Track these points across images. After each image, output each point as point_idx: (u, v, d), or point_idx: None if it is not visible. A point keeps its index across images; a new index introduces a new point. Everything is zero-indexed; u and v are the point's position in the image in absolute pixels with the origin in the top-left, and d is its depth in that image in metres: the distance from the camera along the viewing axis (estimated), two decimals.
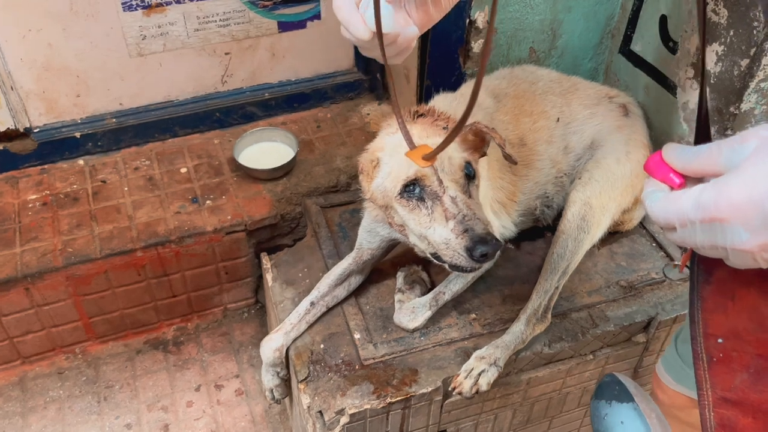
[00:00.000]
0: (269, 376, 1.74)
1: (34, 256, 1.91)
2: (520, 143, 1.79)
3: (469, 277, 1.75)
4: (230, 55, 2.21)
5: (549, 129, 1.84)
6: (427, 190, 1.31)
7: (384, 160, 1.40)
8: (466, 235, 1.24)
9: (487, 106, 1.80)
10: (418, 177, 1.31)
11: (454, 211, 1.27)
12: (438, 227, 1.30)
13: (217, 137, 2.30)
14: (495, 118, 1.77)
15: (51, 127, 2.13)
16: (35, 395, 2.03)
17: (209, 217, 2.03)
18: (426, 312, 1.70)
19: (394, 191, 1.35)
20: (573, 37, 2.14)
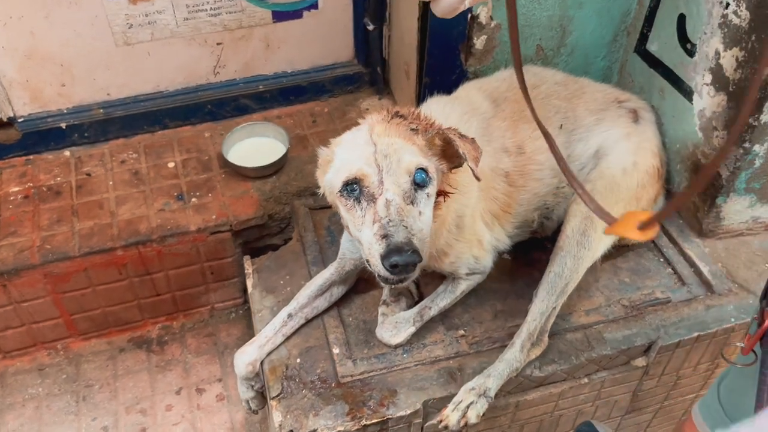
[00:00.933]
0: (243, 388, 1.67)
1: (11, 252, 1.85)
2: (518, 151, 1.67)
3: (458, 292, 1.65)
4: (222, 46, 2.11)
5: None
6: (365, 191, 1.22)
7: (337, 155, 1.30)
8: (383, 241, 1.14)
9: (484, 110, 1.68)
10: (358, 176, 1.22)
11: (382, 214, 1.17)
12: (366, 230, 1.20)
13: (208, 130, 2.22)
14: (492, 124, 1.65)
15: (36, 117, 2.07)
16: (14, 392, 1.99)
17: (194, 216, 1.95)
18: (409, 328, 1.61)
19: (336, 188, 1.27)
20: (584, 34, 2.00)
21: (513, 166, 1.65)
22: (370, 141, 1.24)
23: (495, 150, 1.63)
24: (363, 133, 1.27)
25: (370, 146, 1.23)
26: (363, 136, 1.26)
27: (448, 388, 1.56)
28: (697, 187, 0.89)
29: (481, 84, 1.76)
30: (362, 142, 1.25)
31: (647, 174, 1.71)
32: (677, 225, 1.91)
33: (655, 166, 1.74)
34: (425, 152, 1.27)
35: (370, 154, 1.22)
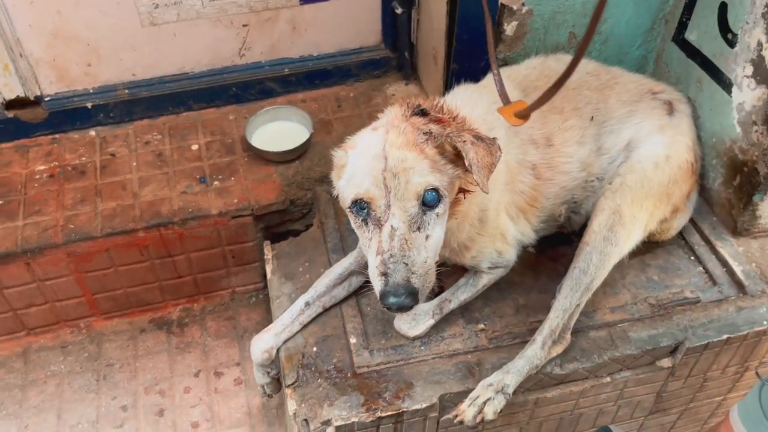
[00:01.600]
0: (259, 374, 1.66)
1: (35, 231, 1.86)
2: (547, 143, 1.61)
3: (479, 286, 1.61)
4: (248, 27, 2.08)
5: (581, 128, 1.65)
6: (372, 214, 1.19)
7: (351, 161, 1.26)
8: (382, 279, 1.13)
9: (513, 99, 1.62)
10: (365, 198, 1.19)
11: (385, 246, 1.15)
12: (370, 256, 1.19)
13: (232, 113, 2.20)
14: None
15: (62, 96, 2.07)
16: (37, 368, 2.02)
17: (215, 200, 1.94)
18: (428, 320, 1.58)
19: (346, 203, 1.24)
20: (620, 22, 1.93)
21: (541, 158, 1.60)
22: (381, 154, 1.18)
23: (522, 141, 1.58)
24: (377, 140, 1.21)
25: (381, 161, 1.18)
26: (376, 146, 1.21)
27: (466, 382, 1.53)
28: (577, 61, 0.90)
29: (510, 72, 1.71)
30: (373, 153, 1.20)
31: (680, 169, 1.65)
32: (710, 222, 1.84)
33: (689, 160, 1.67)
34: (437, 163, 1.21)
35: (379, 173, 1.17)
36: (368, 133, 1.29)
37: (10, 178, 1.99)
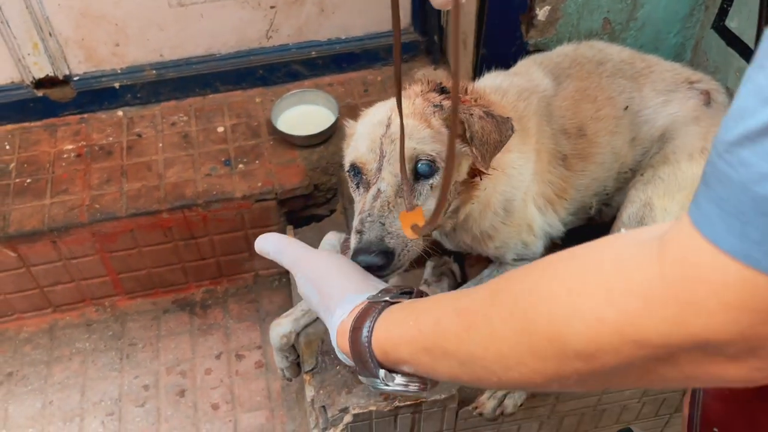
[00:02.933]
0: (279, 358, 1.65)
1: (62, 210, 1.88)
2: (579, 133, 1.57)
3: None
4: (276, 9, 2.06)
5: (615, 118, 1.60)
6: (364, 179, 1.15)
7: (358, 129, 1.23)
8: (357, 237, 1.08)
9: (545, 88, 1.57)
10: (359, 163, 1.15)
11: (366, 206, 1.10)
12: (355, 219, 1.13)
13: (259, 95, 2.19)
14: (552, 103, 1.55)
15: (90, 76, 2.08)
16: (62, 345, 2.05)
17: (239, 182, 1.94)
18: None
19: (346, 167, 1.22)
20: (657, 8, 1.86)
21: (572, 149, 1.55)
22: (385, 122, 1.15)
23: (554, 132, 1.53)
24: (385, 109, 1.19)
25: (382, 128, 1.14)
26: (383, 114, 1.18)
27: None
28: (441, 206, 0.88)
29: (542, 59, 1.66)
30: (377, 120, 1.17)
31: None
32: None
33: None
34: (441, 135, 1.16)
35: (377, 138, 1.14)
36: (379, 106, 1.27)
37: (39, 156, 2.01)
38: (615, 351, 0.52)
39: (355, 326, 0.82)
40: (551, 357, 0.58)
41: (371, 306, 0.83)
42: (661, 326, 0.49)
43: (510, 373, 0.63)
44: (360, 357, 0.80)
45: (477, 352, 0.65)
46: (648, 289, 0.49)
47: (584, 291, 0.53)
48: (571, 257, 0.58)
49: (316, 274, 0.97)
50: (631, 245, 0.53)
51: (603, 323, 0.52)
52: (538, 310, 0.58)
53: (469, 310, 0.67)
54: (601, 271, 0.53)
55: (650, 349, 0.50)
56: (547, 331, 0.57)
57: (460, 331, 0.67)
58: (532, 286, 0.59)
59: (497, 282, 0.66)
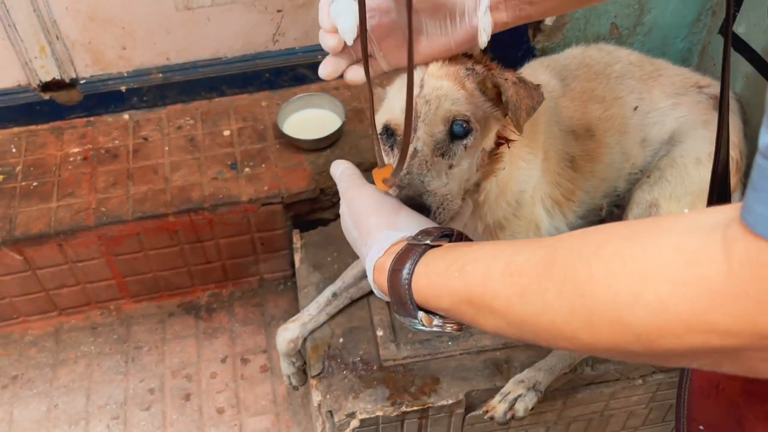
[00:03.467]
0: (285, 364, 1.65)
1: (68, 213, 1.88)
2: (587, 134, 1.56)
3: None
4: (282, 13, 2.06)
5: (623, 118, 1.60)
6: (398, 139, 1.12)
7: (389, 95, 1.18)
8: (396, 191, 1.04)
9: (552, 88, 1.57)
10: (392, 125, 1.12)
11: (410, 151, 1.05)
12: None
13: (265, 99, 2.19)
14: (559, 104, 1.55)
15: (97, 79, 2.08)
16: (67, 348, 2.05)
17: (246, 186, 1.94)
18: None
19: (379, 129, 1.16)
20: (665, 13, 1.86)
21: (581, 150, 1.54)
22: (418, 83, 1.11)
23: (563, 132, 1.53)
24: (417, 73, 1.14)
25: (416, 90, 1.10)
26: (416, 75, 1.13)
27: (494, 380, 1.51)
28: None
29: (549, 61, 1.66)
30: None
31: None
32: None
33: (734, 157, 1.60)
34: (474, 98, 1.13)
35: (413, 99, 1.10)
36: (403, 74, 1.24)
37: (45, 159, 2.01)
38: (677, 339, 0.54)
39: (395, 268, 0.83)
40: (607, 337, 0.59)
41: (411, 248, 0.84)
42: (730, 322, 0.50)
43: (561, 342, 0.64)
44: (399, 299, 0.82)
45: (528, 319, 0.66)
46: (716, 285, 0.50)
47: (648, 278, 0.54)
48: (630, 236, 0.58)
49: (356, 209, 0.98)
50: (693, 234, 0.54)
51: (669, 312, 0.53)
52: (597, 291, 0.58)
53: (521, 274, 0.67)
54: (664, 259, 0.54)
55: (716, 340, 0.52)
56: (608, 313, 0.58)
57: (510, 294, 0.67)
58: (590, 264, 0.60)
59: (552, 248, 0.66)
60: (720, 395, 0.94)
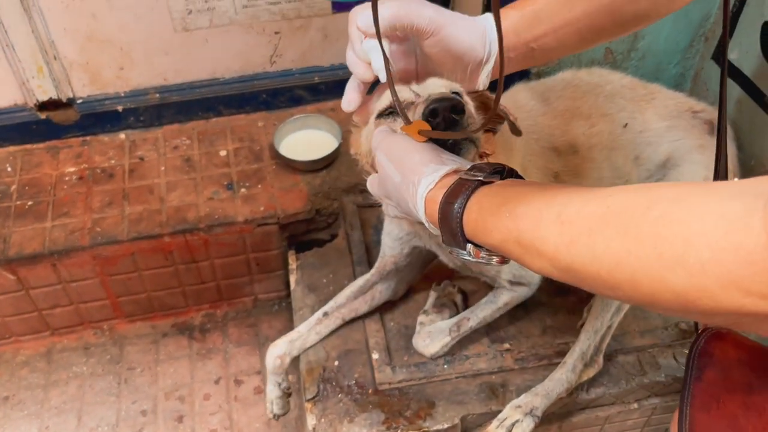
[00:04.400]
0: (271, 385, 1.62)
1: (63, 233, 1.87)
2: (570, 149, 1.56)
3: (500, 303, 1.55)
4: (280, 35, 2.08)
5: (612, 134, 1.60)
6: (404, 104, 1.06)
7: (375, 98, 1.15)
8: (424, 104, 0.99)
9: (530, 108, 1.58)
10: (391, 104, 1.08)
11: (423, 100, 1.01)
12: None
13: (261, 119, 2.20)
14: (538, 122, 1.56)
15: (94, 99, 2.08)
16: (59, 369, 2.03)
17: (242, 207, 1.94)
18: (444, 338, 1.54)
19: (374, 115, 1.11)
20: (658, 39, 1.88)
21: (563, 165, 1.55)
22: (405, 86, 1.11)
23: (543, 149, 1.54)
24: None
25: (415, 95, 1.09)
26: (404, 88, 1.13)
27: (489, 404, 1.50)
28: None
29: (534, 84, 1.67)
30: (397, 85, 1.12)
31: None
32: None
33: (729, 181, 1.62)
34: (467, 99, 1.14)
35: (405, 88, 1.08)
36: None
37: (41, 179, 2.01)
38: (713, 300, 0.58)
39: (447, 200, 0.87)
40: (649, 291, 0.63)
41: (463, 182, 0.87)
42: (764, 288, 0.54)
43: (603, 290, 0.69)
44: (450, 231, 0.87)
45: (574, 266, 0.70)
46: (753, 254, 0.54)
47: (690, 242, 0.58)
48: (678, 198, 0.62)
49: (397, 153, 0.99)
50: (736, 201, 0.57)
51: (707, 276, 0.57)
52: (643, 250, 0.62)
53: (573, 224, 0.71)
54: (706, 224, 0.57)
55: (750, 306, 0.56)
56: (651, 271, 0.61)
57: (560, 242, 0.71)
58: (638, 224, 0.64)
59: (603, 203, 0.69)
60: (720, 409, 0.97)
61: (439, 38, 0.99)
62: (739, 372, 0.98)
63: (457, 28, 1.00)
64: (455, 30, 1.00)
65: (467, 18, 1.03)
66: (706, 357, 1.01)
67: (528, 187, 0.84)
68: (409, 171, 0.95)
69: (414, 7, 0.97)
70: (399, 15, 0.95)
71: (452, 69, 1.06)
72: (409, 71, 1.10)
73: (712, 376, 0.99)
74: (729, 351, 1.01)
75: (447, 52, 1.01)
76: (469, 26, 1.02)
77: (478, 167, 0.91)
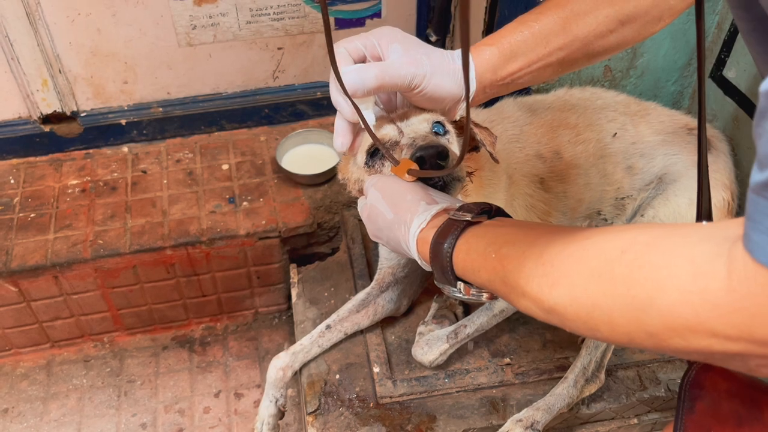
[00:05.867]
0: (267, 401, 1.60)
1: (65, 245, 1.88)
2: (555, 157, 1.58)
3: (496, 310, 1.55)
4: (283, 51, 2.10)
5: (600, 142, 1.62)
6: (389, 143, 1.13)
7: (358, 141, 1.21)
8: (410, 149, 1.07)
9: (516, 118, 1.60)
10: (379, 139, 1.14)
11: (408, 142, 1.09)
12: None
13: (264, 134, 2.21)
14: (525, 131, 1.58)
15: (98, 113, 2.10)
16: (59, 381, 2.03)
17: (243, 220, 1.95)
18: (442, 345, 1.55)
19: (361, 163, 1.18)
20: (657, 57, 1.91)
21: (548, 171, 1.57)
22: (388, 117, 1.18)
23: (528, 156, 1.56)
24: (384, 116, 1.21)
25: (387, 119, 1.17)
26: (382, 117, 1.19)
27: (490, 418, 1.50)
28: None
29: (522, 99, 1.69)
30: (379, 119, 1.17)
31: (715, 207, 1.61)
32: None
33: (726, 199, 1.64)
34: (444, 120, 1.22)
35: (389, 121, 1.15)
36: None
37: (44, 191, 2.02)
38: (684, 340, 0.61)
39: (437, 241, 0.92)
40: (624, 332, 0.66)
41: (452, 223, 0.92)
42: (728, 330, 0.57)
43: (585, 332, 0.72)
44: (441, 269, 0.92)
45: (557, 308, 0.73)
46: (719, 298, 0.57)
47: (661, 285, 0.61)
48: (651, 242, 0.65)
49: (390, 192, 1.05)
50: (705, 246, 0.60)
51: (677, 317, 0.60)
52: (618, 292, 0.66)
53: (553, 266, 0.75)
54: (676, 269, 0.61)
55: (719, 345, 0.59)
56: (626, 312, 0.65)
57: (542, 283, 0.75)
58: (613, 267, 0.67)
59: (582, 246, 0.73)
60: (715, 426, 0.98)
61: (420, 92, 1.05)
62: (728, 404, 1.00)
63: (437, 77, 1.05)
64: (436, 81, 1.05)
65: (447, 61, 1.07)
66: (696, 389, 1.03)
67: (514, 227, 0.89)
68: (402, 210, 1.01)
69: (395, 69, 1.02)
70: (383, 81, 1.01)
71: (432, 108, 1.13)
72: (390, 101, 1.17)
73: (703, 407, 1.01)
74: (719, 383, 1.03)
75: (428, 99, 1.08)
76: (449, 70, 1.06)
77: (466, 207, 0.95)
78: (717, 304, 0.57)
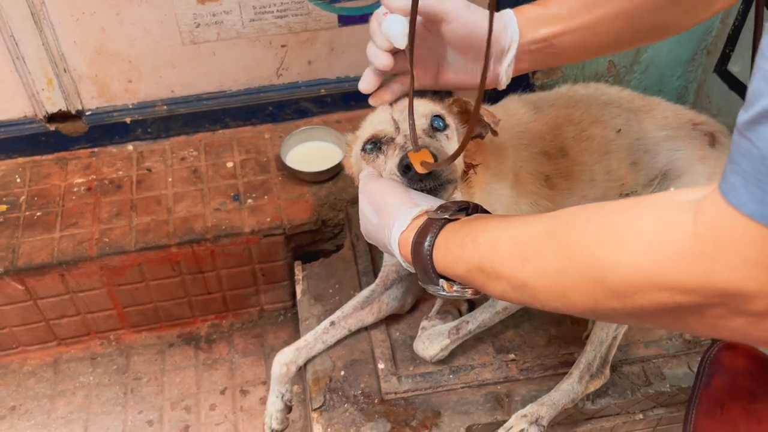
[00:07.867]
0: (274, 396, 1.62)
1: (71, 243, 1.89)
2: (560, 153, 1.58)
3: (498, 307, 1.56)
4: (286, 48, 2.10)
5: (604, 138, 1.62)
6: (384, 138, 1.21)
7: (360, 130, 1.31)
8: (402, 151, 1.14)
9: (521, 116, 1.60)
10: (375, 134, 1.22)
11: (402, 142, 1.17)
12: (388, 163, 1.18)
13: (268, 131, 2.22)
14: (529, 128, 1.58)
15: (102, 111, 2.10)
16: (66, 378, 2.04)
17: (248, 218, 1.95)
18: (443, 340, 1.55)
19: (360, 147, 1.26)
20: (661, 52, 1.90)
21: (554, 168, 1.57)
22: (387, 108, 1.23)
23: (533, 154, 1.56)
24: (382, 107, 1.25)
25: (387, 109, 1.22)
26: (382, 109, 1.25)
27: (494, 414, 1.51)
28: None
29: (528, 95, 1.69)
30: (380, 109, 1.25)
31: None
32: None
33: None
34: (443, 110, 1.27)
35: (387, 114, 1.22)
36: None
37: (49, 190, 2.03)
38: (647, 296, 0.61)
39: (417, 241, 0.94)
40: (590, 295, 0.67)
41: (431, 222, 0.95)
42: (691, 278, 0.57)
43: (553, 303, 0.74)
44: (423, 268, 0.93)
45: (528, 282, 0.75)
46: (681, 245, 0.57)
47: (627, 242, 0.62)
48: (617, 208, 0.67)
49: (375, 196, 1.09)
50: (670, 205, 0.61)
51: (640, 271, 0.60)
52: (583, 254, 0.67)
53: (525, 244, 0.77)
54: (640, 225, 0.62)
55: (679, 297, 0.59)
56: (591, 273, 0.66)
57: (515, 261, 0.77)
58: (579, 232, 0.69)
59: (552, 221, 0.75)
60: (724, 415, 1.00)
61: (461, 23, 1.05)
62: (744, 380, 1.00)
63: (479, 17, 1.06)
64: (477, 18, 1.06)
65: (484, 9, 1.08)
66: (716, 365, 1.05)
67: (489, 218, 0.91)
68: (385, 214, 1.04)
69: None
70: None
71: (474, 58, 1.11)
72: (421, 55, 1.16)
73: (720, 383, 1.02)
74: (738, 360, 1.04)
75: (467, 39, 1.07)
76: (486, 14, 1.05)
77: (444, 206, 0.98)
78: (679, 252, 0.57)
